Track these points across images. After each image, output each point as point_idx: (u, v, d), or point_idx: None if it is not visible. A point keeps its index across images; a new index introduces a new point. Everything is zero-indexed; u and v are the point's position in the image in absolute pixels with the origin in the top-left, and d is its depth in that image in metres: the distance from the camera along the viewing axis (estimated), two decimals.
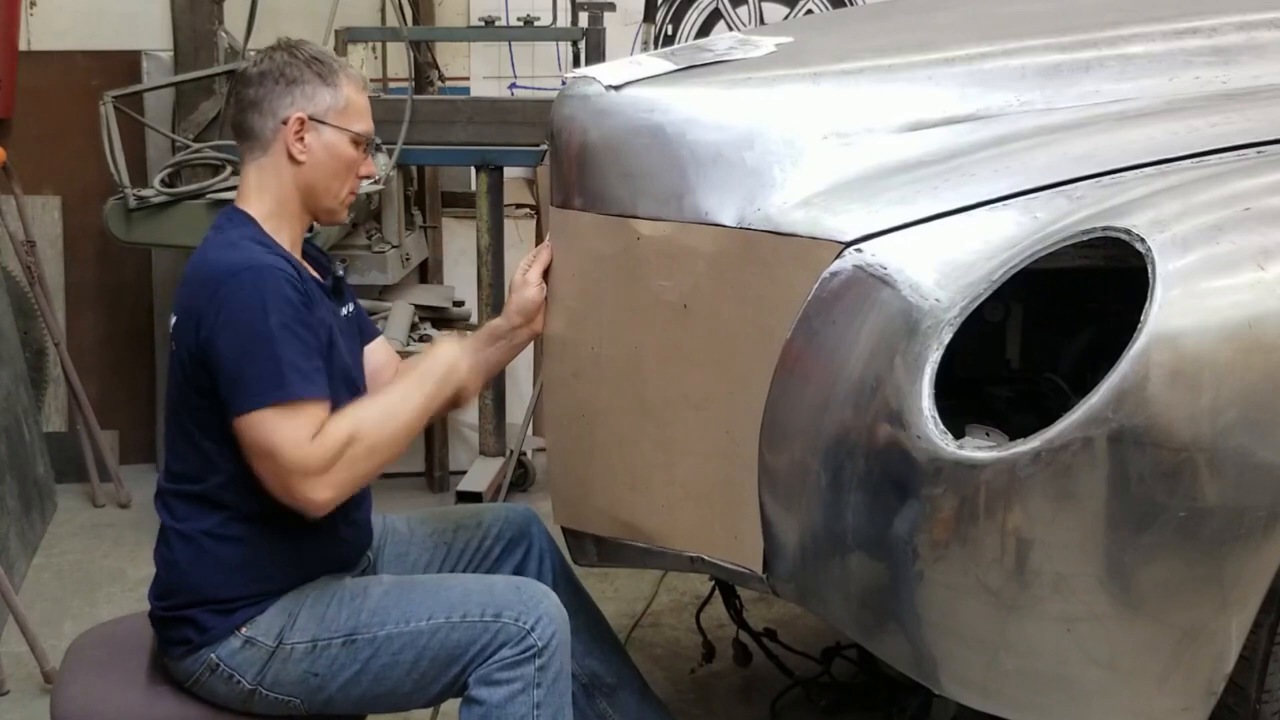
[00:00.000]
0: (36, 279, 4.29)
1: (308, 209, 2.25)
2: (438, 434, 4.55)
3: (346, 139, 2.22)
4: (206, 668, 2.15)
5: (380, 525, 2.44)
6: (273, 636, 2.14)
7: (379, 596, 2.18)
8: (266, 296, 2.06)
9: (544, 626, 2.14)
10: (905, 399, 1.87)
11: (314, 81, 2.21)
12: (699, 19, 5.00)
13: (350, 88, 2.23)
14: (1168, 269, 1.79)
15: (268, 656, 2.14)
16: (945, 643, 1.93)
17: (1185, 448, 1.76)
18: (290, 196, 2.22)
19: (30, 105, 4.53)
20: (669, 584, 3.65)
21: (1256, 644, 1.97)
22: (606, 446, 2.31)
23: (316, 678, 2.14)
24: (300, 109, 2.20)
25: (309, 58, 2.22)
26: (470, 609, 2.15)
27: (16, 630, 3.25)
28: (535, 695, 2.13)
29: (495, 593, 2.18)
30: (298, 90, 2.20)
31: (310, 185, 2.22)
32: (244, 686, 2.14)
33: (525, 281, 2.33)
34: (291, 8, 4.50)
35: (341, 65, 2.25)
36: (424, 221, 4.70)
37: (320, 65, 2.22)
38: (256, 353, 2.04)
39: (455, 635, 2.13)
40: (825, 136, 2.17)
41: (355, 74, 2.27)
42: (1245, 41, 2.29)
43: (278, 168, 2.21)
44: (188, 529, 2.16)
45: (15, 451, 3.90)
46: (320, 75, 2.21)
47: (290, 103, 2.20)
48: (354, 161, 2.24)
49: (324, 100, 2.21)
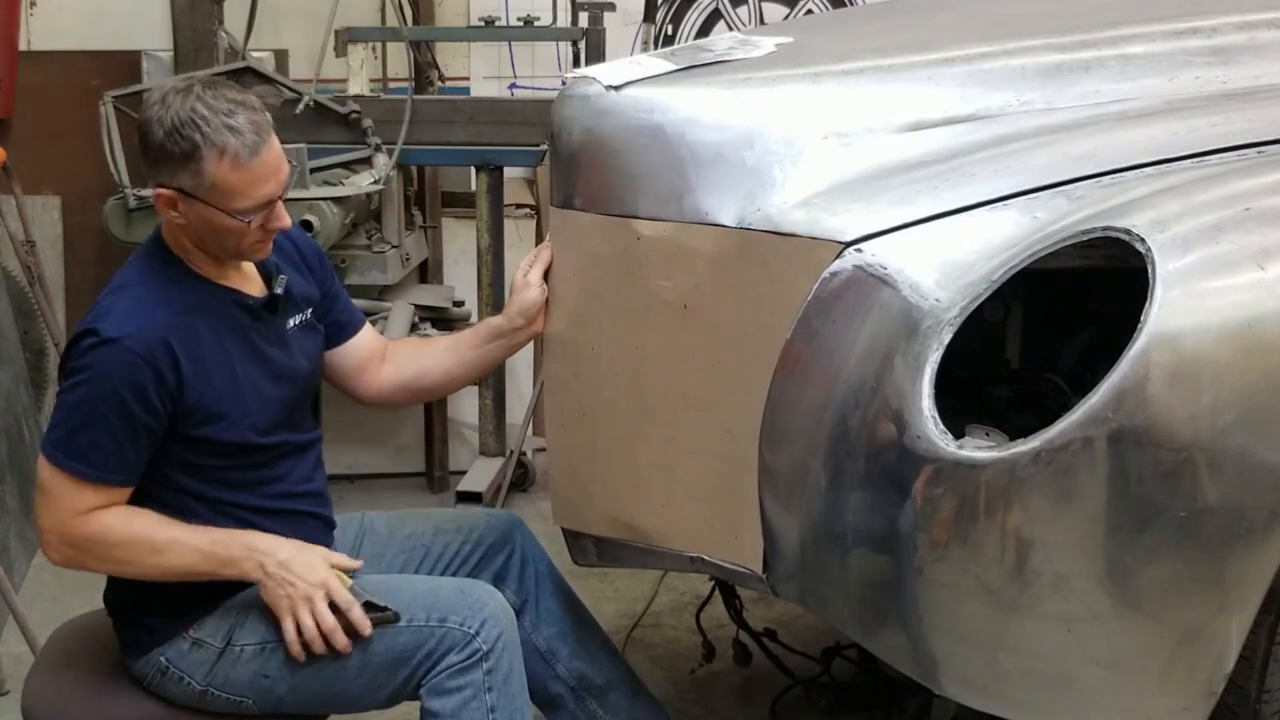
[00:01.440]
0: (36, 279, 4.28)
1: (214, 256, 2.14)
2: (438, 434, 4.56)
3: (223, 215, 2.05)
4: (157, 670, 2.17)
5: (359, 524, 2.45)
6: (220, 638, 2.16)
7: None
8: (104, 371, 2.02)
9: (489, 629, 2.14)
10: (905, 399, 1.87)
11: (175, 159, 2.01)
12: (699, 19, 5.00)
13: (223, 165, 2.00)
14: (1168, 269, 1.79)
15: (216, 658, 2.15)
16: (945, 643, 1.93)
17: (1185, 448, 1.76)
18: (190, 246, 2.14)
19: (30, 105, 4.52)
20: (669, 584, 3.64)
21: (1256, 644, 1.97)
22: (607, 446, 2.31)
23: (267, 679, 2.15)
24: (165, 182, 2.03)
25: (171, 128, 1.99)
26: (415, 613, 2.15)
27: (16, 630, 3.25)
28: (488, 699, 2.13)
29: (440, 597, 2.18)
30: (162, 163, 2.02)
31: (204, 241, 2.12)
32: (194, 687, 2.17)
33: (527, 283, 2.32)
34: (291, 8, 4.50)
35: (210, 139, 1.99)
36: (424, 221, 4.70)
37: (181, 140, 1.99)
38: (75, 413, 2.04)
39: (401, 639, 2.14)
40: (825, 136, 2.17)
41: (234, 143, 2.00)
42: (1245, 41, 2.29)
43: (169, 220, 2.10)
44: None
45: (15, 451, 3.90)
46: (184, 152, 2.00)
47: (156, 173, 2.04)
48: (239, 230, 2.06)
49: (188, 178, 2.02)
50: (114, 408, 2.03)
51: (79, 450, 2.05)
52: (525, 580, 2.44)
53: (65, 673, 2.28)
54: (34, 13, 4.58)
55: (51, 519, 2.09)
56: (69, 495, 2.07)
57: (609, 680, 2.47)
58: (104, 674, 2.26)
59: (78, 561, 2.11)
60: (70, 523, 2.07)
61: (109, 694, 2.23)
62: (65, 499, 2.07)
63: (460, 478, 4.24)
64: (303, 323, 2.29)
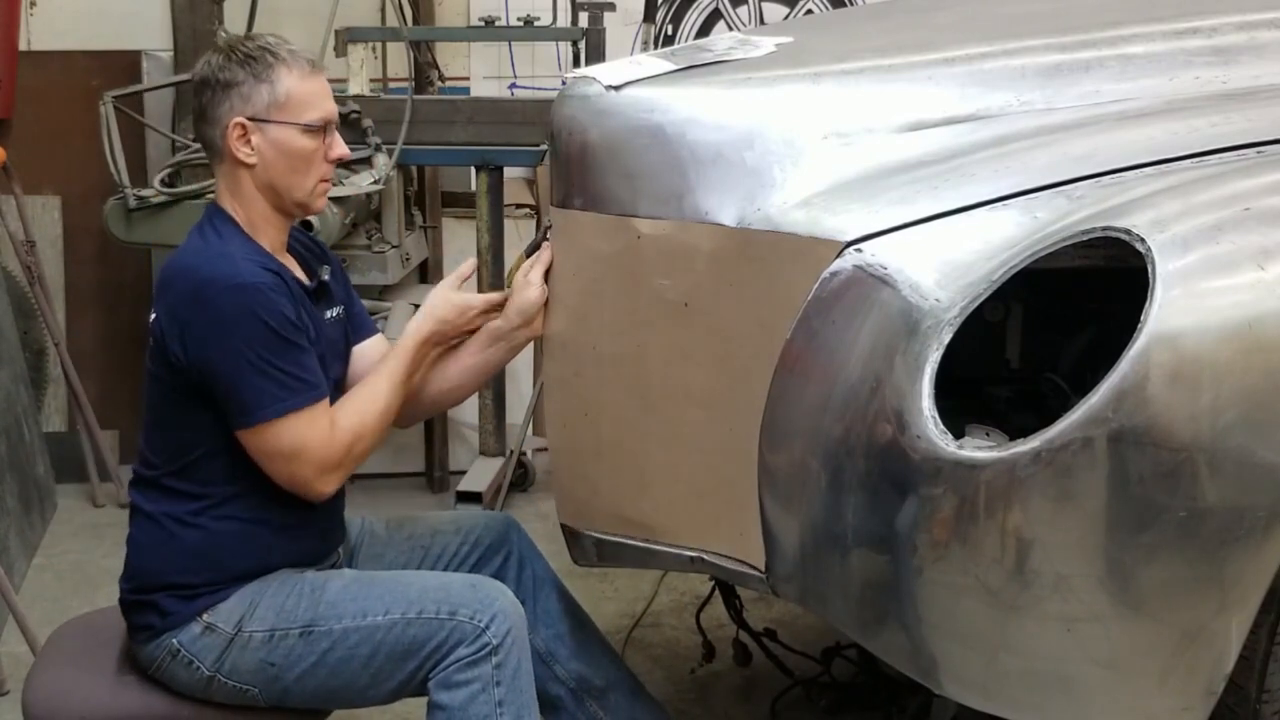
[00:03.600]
0: (36, 279, 4.29)
1: (278, 208, 2.23)
2: (438, 434, 4.56)
3: (295, 131, 2.18)
4: (168, 653, 2.18)
5: (359, 526, 2.46)
6: (232, 624, 2.16)
7: (338, 590, 2.20)
8: (259, 312, 2.09)
9: (499, 624, 2.15)
10: (905, 399, 1.87)
11: (248, 81, 2.16)
12: (699, 19, 5.00)
13: (292, 77, 2.17)
14: (1168, 269, 1.79)
15: (226, 643, 2.16)
16: (945, 643, 1.93)
17: (1185, 448, 1.76)
18: (255, 199, 2.21)
19: (30, 105, 4.53)
20: (669, 584, 3.65)
21: (1256, 644, 1.96)
22: (609, 444, 2.31)
23: (273, 667, 2.16)
24: (239, 112, 2.16)
25: (243, 56, 2.17)
26: (426, 606, 2.16)
27: (16, 630, 3.25)
28: (496, 693, 2.14)
29: (451, 590, 2.19)
30: (234, 93, 2.16)
31: (270, 185, 2.20)
32: (203, 673, 2.17)
33: (527, 282, 2.32)
34: (291, 8, 4.50)
35: (281, 56, 2.18)
36: (424, 221, 4.70)
37: (254, 63, 2.17)
38: (263, 367, 2.09)
39: (411, 631, 2.15)
40: (825, 136, 2.17)
41: (301, 59, 2.20)
42: (1245, 41, 2.29)
43: (236, 174, 2.20)
44: (156, 512, 2.20)
45: (15, 451, 3.90)
46: (255, 74, 2.16)
47: (229, 108, 2.16)
48: (310, 152, 2.20)
49: (262, 98, 2.16)
50: (291, 326, 2.11)
51: (287, 388, 2.10)
52: (523, 581, 2.45)
53: (66, 669, 2.28)
54: (34, 13, 4.58)
55: (309, 464, 2.14)
56: (311, 430, 2.13)
57: (609, 681, 2.47)
58: (108, 667, 2.27)
59: (345, 475, 2.20)
60: (326, 452, 2.14)
61: (114, 685, 2.24)
62: (312, 437, 2.13)
63: (460, 478, 4.24)
64: (336, 316, 2.34)
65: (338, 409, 2.20)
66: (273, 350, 2.09)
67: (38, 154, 4.48)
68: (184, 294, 2.12)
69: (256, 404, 2.10)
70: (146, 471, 2.23)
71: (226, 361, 2.09)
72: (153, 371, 2.19)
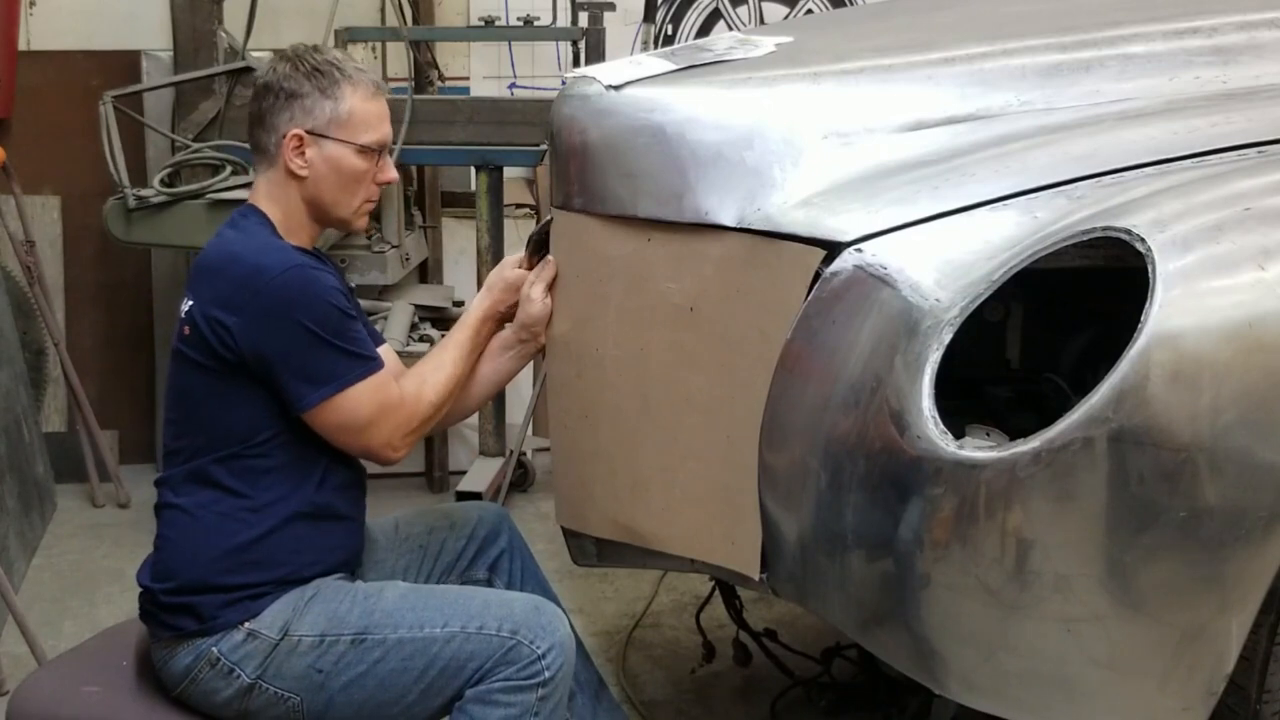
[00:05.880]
0: (36, 279, 4.28)
1: (317, 219, 2.25)
2: (437, 434, 4.55)
3: (351, 151, 2.20)
4: (207, 662, 2.12)
5: None
6: (277, 629, 2.12)
7: (394, 599, 2.16)
8: (317, 289, 2.13)
9: (554, 656, 2.12)
10: (905, 399, 1.87)
11: (313, 95, 2.18)
12: (699, 19, 5.00)
13: (356, 97, 2.19)
14: (1168, 269, 1.79)
15: (271, 649, 2.11)
16: (945, 643, 1.93)
17: (1185, 448, 1.76)
18: (297, 209, 2.22)
19: (30, 105, 4.53)
20: (669, 584, 3.65)
21: (1256, 644, 1.96)
22: (608, 448, 2.31)
23: (320, 674, 2.11)
24: (299, 124, 2.18)
25: (311, 69, 2.19)
26: (487, 621, 2.13)
27: (16, 630, 3.25)
28: None
29: (514, 610, 2.15)
30: (296, 104, 2.18)
31: (316, 199, 2.22)
32: (244, 681, 2.12)
33: (530, 297, 2.33)
34: (291, 8, 4.50)
35: (348, 74, 2.20)
36: (424, 221, 4.70)
37: (321, 77, 2.18)
38: (330, 340, 2.12)
39: (469, 646, 2.11)
40: (825, 136, 2.17)
41: (367, 80, 2.22)
42: (1245, 41, 2.29)
43: (284, 182, 2.21)
44: (192, 504, 2.15)
45: (15, 451, 3.89)
46: (320, 88, 2.18)
47: (289, 118, 2.18)
48: (361, 172, 2.22)
49: (324, 113, 2.18)
50: (333, 312, 2.13)
51: (354, 357, 2.14)
52: (514, 573, 2.44)
53: (67, 681, 2.23)
54: (33, 13, 4.58)
55: (383, 430, 2.18)
56: (382, 397, 2.17)
57: (578, 683, 2.40)
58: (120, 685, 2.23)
59: (416, 441, 2.26)
60: (398, 417, 2.19)
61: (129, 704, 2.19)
62: (384, 403, 2.17)
63: (460, 478, 4.24)
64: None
65: (406, 377, 2.25)
66: (335, 324, 2.12)
67: (37, 154, 4.48)
68: (236, 279, 2.12)
69: (329, 375, 2.12)
70: (179, 465, 2.18)
71: (291, 340, 2.10)
72: (191, 359, 2.15)
